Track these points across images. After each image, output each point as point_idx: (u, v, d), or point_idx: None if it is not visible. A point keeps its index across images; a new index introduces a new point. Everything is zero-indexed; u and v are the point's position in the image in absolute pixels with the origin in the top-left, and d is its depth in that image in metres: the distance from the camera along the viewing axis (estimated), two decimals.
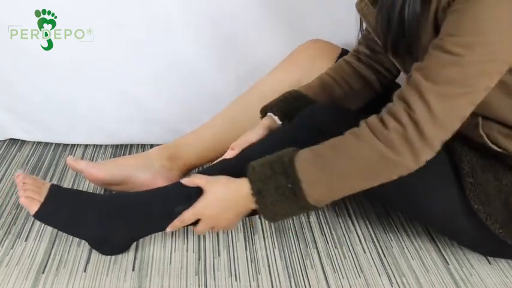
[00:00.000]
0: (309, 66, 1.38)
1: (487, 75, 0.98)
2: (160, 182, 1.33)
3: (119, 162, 1.37)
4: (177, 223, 1.14)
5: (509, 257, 1.22)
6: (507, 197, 1.11)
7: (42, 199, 1.14)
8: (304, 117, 1.17)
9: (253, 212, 1.13)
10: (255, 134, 1.23)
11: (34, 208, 1.13)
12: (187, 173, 1.40)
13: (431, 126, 0.98)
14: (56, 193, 1.16)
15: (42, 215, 1.14)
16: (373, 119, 1.02)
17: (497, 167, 1.12)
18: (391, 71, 1.32)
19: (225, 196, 1.11)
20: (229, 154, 1.20)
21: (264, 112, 1.28)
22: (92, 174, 1.33)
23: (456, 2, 0.97)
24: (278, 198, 1.06)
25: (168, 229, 1.15)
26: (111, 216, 1.15)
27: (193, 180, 1.14)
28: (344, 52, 1.41)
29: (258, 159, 1.10)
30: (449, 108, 0.98)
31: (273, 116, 1.26)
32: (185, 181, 1.14)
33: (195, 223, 1.14)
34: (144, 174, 1.34)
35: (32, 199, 1.13)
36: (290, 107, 1.26)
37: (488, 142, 1.10)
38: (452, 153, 1.13)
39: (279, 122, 1.26)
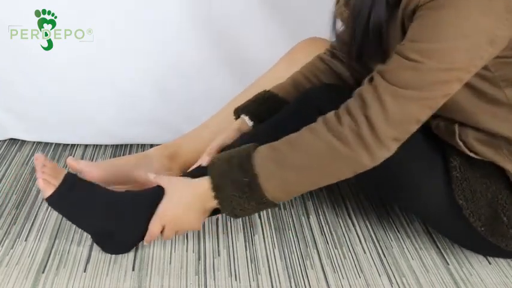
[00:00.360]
0: None
1: (445, 83, 0.98)
2: None
3: (119, 161, 1.37)
4: (148, 238, 1.16)
5: (496, 255, 1.23)
6: (494, 195, 1.12)
7: (57, 184, 1.14)
8: (303, 100, 1.18)
9: (217, 210, 1.14)
10: (226, 137, 1.24)
11: (49, 192, 1.14)
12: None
13: (384, 124, 0.99)
14: (70, 181, 1.16)
15: (53, 200, 1.14)
16: (329, 114, 1.04)
17: (489, 165, 1.12)
18: None
19: (184, 195, 1.12)
20: (204, 160, 1.20)
21: (236, 113, 1.30)
22: (91, 174, 1.33)
23: (420, 9, 0.97)
24: (235, 193, 1.07)
25: (145, 243, 1.18)
26: (120, 212, 1.15)
27: (158, 179, 1.16)
28: None
29: (222, 153, 1.13)
30: (404, 110, 0.99)
31: (245, 118, 1.27)
32: (152, 178, 1.17)
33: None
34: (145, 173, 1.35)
35: (48, 183, 1.14)
36: (261, 108, 1.27)
37: (466, 150, 1.11)
38: (445, 147, 1.14)
39: (250, 124, 1.27)
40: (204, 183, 1.10)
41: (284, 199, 1.10)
